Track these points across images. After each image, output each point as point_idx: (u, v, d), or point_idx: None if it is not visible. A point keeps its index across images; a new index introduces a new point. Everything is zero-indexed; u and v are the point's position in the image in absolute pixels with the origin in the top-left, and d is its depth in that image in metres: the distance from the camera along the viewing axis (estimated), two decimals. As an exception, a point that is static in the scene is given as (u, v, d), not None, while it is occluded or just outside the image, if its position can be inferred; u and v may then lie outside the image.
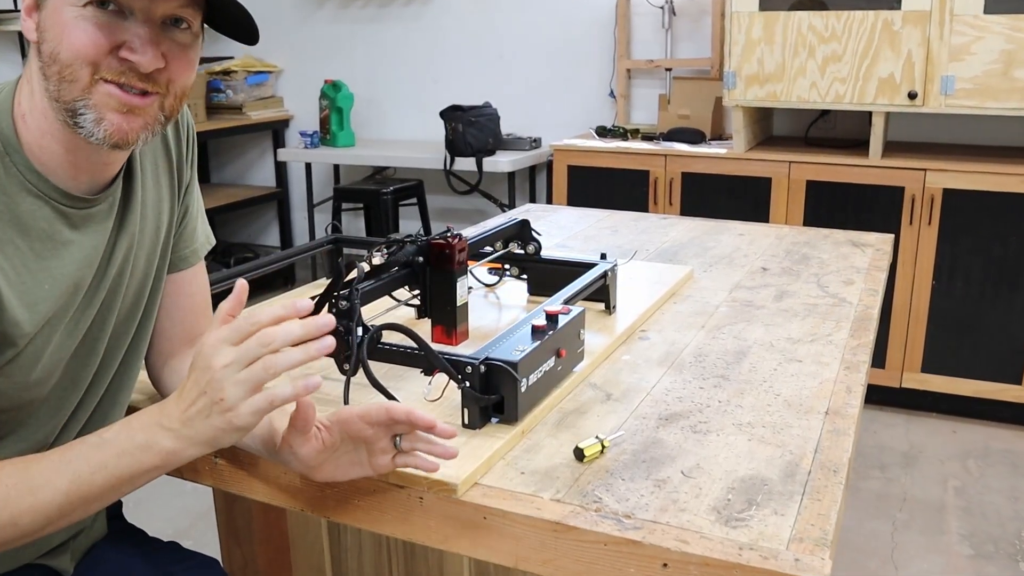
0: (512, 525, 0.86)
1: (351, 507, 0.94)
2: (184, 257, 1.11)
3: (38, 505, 0.81)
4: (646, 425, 1.05)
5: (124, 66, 0.86)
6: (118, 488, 0.84)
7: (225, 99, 4.45)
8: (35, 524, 0.82)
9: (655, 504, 0.87)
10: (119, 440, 0.83)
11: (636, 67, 3.82)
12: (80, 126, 0.86)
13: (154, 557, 1.15)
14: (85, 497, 0.82)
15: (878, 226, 2.90)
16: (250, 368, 0.79)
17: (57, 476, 0.82)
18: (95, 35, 0.84)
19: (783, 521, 0.84)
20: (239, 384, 0.79)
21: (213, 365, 0.79)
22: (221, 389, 0.79)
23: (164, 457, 0.83)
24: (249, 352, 0.79)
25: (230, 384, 0.79)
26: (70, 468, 0.82)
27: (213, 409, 0.80)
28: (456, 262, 1.19)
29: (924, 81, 2.84)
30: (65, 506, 0.82)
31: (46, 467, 0.82)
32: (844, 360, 1.25)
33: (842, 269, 1.71)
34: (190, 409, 0.81)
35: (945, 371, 3.00)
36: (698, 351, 1.28)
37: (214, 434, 0.81)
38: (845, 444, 1.00)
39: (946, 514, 2.48)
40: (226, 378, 0.79)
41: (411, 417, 0.85)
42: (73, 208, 0.92)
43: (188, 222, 1.11)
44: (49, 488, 0.81)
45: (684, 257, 1.80)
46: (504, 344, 1.02)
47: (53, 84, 0.86)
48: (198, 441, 0.82)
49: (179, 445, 0.82)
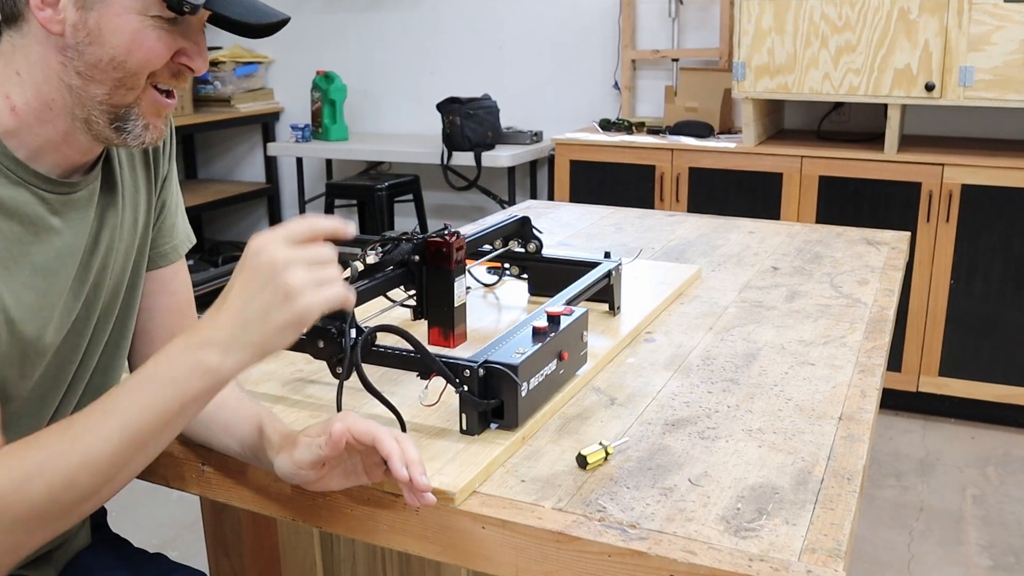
0: (512, 535, 0.86)
1: (344, 517, 0.94)
2: (164, 253, 1.11)
3: (90, 460, 0.80)
4: (652, 431, 1.05)
5: (178, 71, 0.91)
6: (171, 423, 0.83)
7: (213, 91, 4.45)
8: (93, 482, 0.81)
9: (661, 513, 0.87)
10: (158, 373, 0.82)
11: (641, 57, 3.82)
12: (126, 131, 0.90)
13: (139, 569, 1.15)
14: (138, 441, 0.82)
15: (894, 223, 2.90)
16: (315, 269, 0.80)
17: (104, 427, 0.81)
18: (167, 44, 0.88)
19: (795, 531, 0.84)
20: (308, 278, 0.80)
21: (275, 257, 0.80)
22: (289, 279, 0.79)
23: (212, 376, 0.81)
24: (312, 255, 0.81)
25: (297, 273, 0.79)
26: (115, 417, 0.81)
27: (275, 303, 0.79)
28: (454, 261, 1.19)
29: (942, 72, 2.84)
30: (119, 456, 0.81)
31: (88, 423, 0.82)
32: (858, 363, 1.25)
33: (856, 268, 1.71)
34: (247, 308, 0.80)
35: (964, 374, 3.00)
36: (706, 354, 1.28)
37: (270, 335, 0.81)
38: (859, 451, 1.00)
39: (964, 524, 2.48)
40: (292, 267, 0.79)
41: (391, 462, 0.84)
42: (53, 193, 0.93)
43: (167, 216, 1.12)
44: (99, 441, 0.81)
45: (691, 256, 1.81)
46: (504, 346, 1.02)
47: (104, 88, 0.88)
48: (251, 347, 0.81)
49: (226, 358, 0.81)
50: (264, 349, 0.82)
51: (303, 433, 0.90)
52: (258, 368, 1.20)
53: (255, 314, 0.80)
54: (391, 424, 0.97)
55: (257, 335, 0.81)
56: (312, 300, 0.80)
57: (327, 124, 4.19)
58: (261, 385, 1.16)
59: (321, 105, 4.20)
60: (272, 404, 1.09)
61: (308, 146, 4.18)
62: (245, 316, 0.80)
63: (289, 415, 1.06)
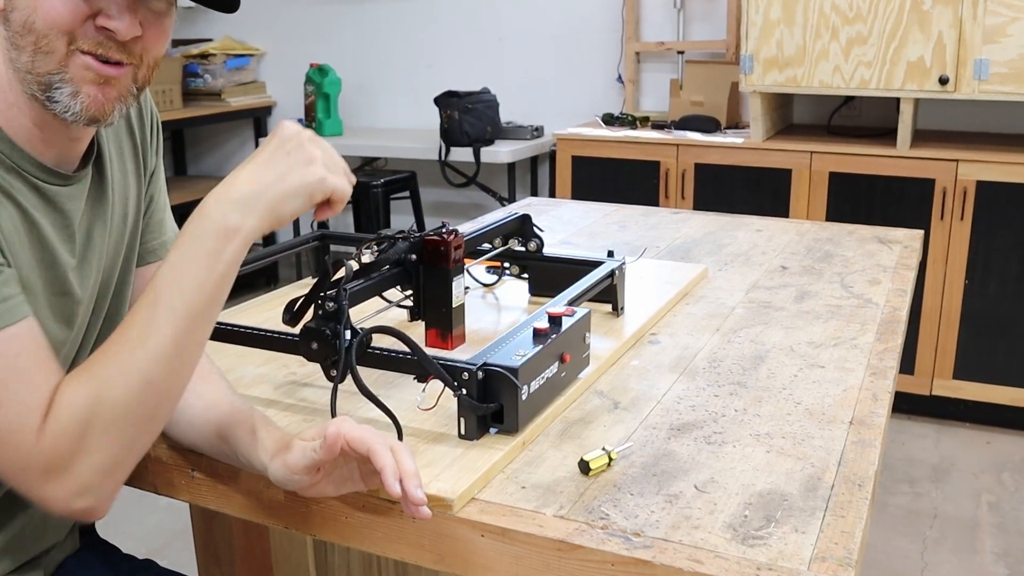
0: (512, 544, 0.86)
1: (338, 524, 0.95)
2: (152, 250, 1.12)
3: (155, 353, 0.84)
4: (656, 436, 1.05)
5: (101, 35, 0.88)
6: (215, 295, 0.86)
7: (203, 84, 4.45)
8: (164, 372, 0.85)
9: (666, 521, 0.87)
10: (187, 246, 0.85)
11: (646, 50, 3.82)
12: (55, 100, 0.89)
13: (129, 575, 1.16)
14: (190, 321, 0.85)
15: (906, 221, 2.90)
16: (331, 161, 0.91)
17: (156, 319, 0.84)
18: (72, 2, 0.86)
19: (804, 539, 0.84)
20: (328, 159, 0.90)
21: (302, 132, 0.90)
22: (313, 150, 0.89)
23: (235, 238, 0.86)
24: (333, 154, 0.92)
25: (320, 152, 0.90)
26: (162, 306, 0.84)
27: (296, 163, 0.88)
28: (452, 260, 1.19)
29: (956, 65, 2.85)
30: (180, 341, 0.85)
31: (140, 320, 0.85)
32: (870, 366, 1.25)
33: (868, 268, 1.71)
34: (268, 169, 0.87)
35: (979, 377, 3.00)
36: (712, 356, 1.28)
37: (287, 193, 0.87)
38: (871, 456, 1.00)
39: (979, 531, 2.48)
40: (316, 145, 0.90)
41: (384, 477, 0.83)
42: (47, 183, 0.93)
43: (155, 212, 1.13)
44: (156, 333, 0.84)
45: (697, 255, 1.81)
46: (503, 348, 1.02)
47: (26, 56, 0.88)
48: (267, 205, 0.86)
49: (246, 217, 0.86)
50: (278, 210, 0.87)
51: (298, 437, 0.90)
52: (250, 371, 1.21)
53: (275, 173, 0.87)
54: (387, 429, 0.97)
55: (275, 193, 0.87)
56: (328, 176, 0.89)
57: (321, 119, 4.19)
58: (253, 388, 1.16)
59: (315, 99, 4.20)
60: (265, 408, 1.09)
61: (301, 141, 4.17)
62: (266, 175, 0.87)
63: (282, 419, 1.06)
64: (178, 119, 4.25)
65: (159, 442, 1.04)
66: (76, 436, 0.83)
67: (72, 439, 0.83)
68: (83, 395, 0.83)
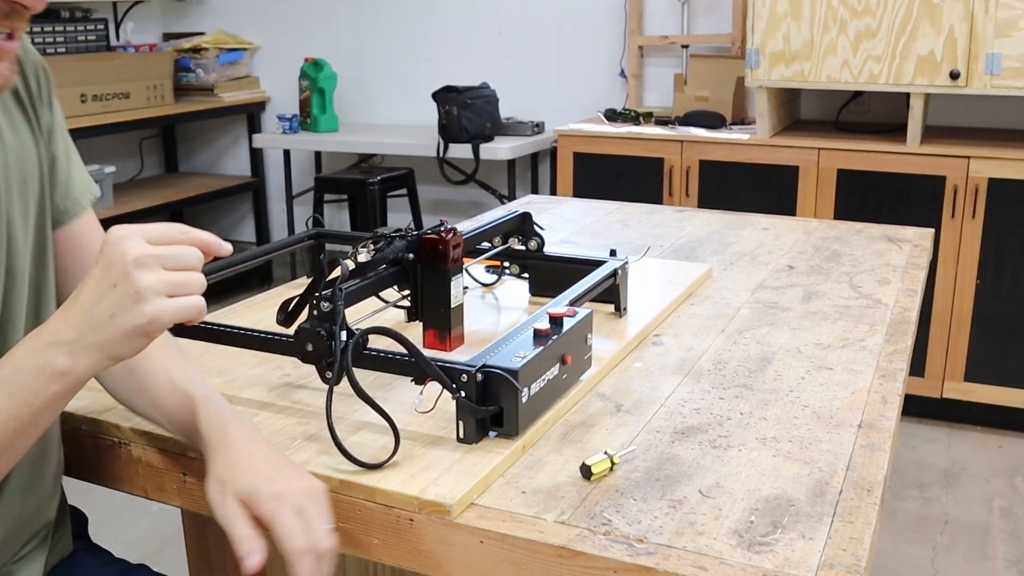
0: (512, 550, 0.86)
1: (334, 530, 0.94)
2: (65, 209, 1.09)
3: None
4: (660, 439, 1.05)
5: (9, 10, 0.87)
6: (23, 432, 0.82)
7: (195, 79, 4.45)
8: None
9: (670, 527, 0.87)
10: (5, 377, 0.81)
11: (649, 44, 3.82)
12: None
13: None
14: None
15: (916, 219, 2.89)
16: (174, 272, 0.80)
17: None
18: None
19: (812, 546, 0.84)
20: (161, 281, 0.79)
21: (127, 251, 0.78)
22: (139, 280, 0.78)
23: (63, 380, 0.81)
24: (173, 255, 0.80)
25: (149, 275, 0.78)
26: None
27: (123, 304, 0.78)
28: (450, 259, 1.19)
29: (967, 59, 2.85)
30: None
31: None
32: (879, 368, 1.25)
33: (877, 267, 1.71)
34: (94, 309, 0.79)
35: (991, 380, 3.00)
36: (717, 358, 1.28)
37: (115, 339, 0.80)
38: (880, 460, 1.00)
39: (991, 537, 2.48)
40: (143, 266, 0.78)
41: None
42: None
43: (59, 171, 1.09)
44: None
45: (702, 254, 1.81)
46: (503, 350, 1.02)
47: None
48: (98, 349, 0.80)
49: (76, 360, 0.81)
50: (112, 353, 0.81)
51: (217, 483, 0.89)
52: (244, 373, 1.21)
53: (104, 314, 0.79)
54: (384, 432, 0.97)
55: (104, 337, 0.80)
56: (162, 307, 0.79)
57: (316, 114, 4.19)
58: (247, 391, 1.16)
59: (310, 94, 4.20)
60: (258, 410, 1.09)
61: (296, 138, 4.18)
62: (93, 316, 0.80)
63: (276, 422, 1.06)
64: (169, 114, 4.25)
65: (149, 445, 1.04)
66: None
67: None
68: None
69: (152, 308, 0.79)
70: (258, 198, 4.74)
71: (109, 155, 4.30)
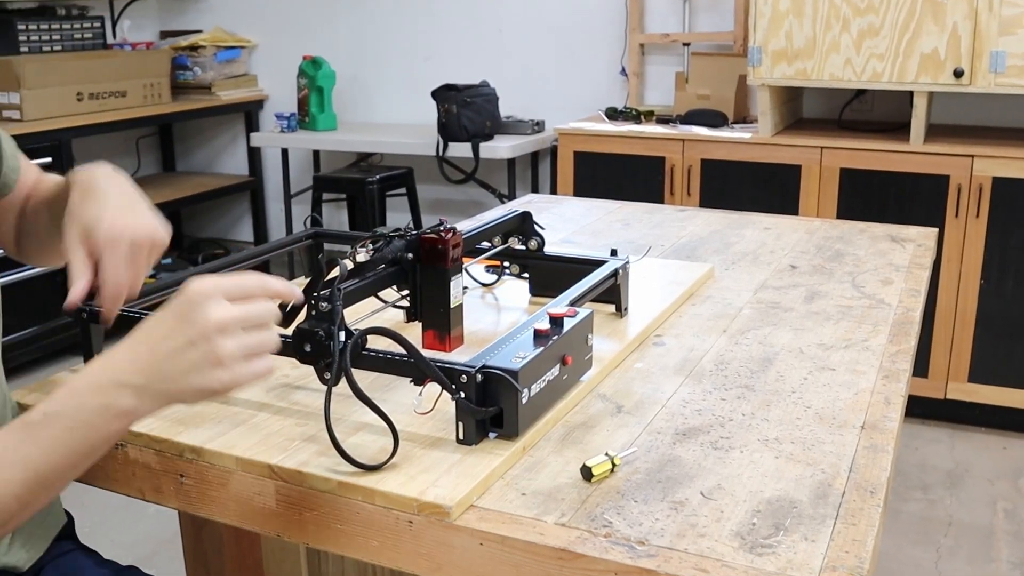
0: (512, 552, 0.86)
1: (332, 532, 0.95)
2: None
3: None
4: (661, 441, 1.05)
5: None
6: (78, 464, 0.84)
7: (192, 77, 4.45)
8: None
9: (671, 529, 0.87)
10: (68, 412, 0.82)
11: (650, 42, 3.82)
12: None
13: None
14: (44, 482, 0.82)
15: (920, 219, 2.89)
16: (251, 333, 0.82)
17: (6, 469, 0.81)
18: None
19: (814, 548, 0.84)
20: (241, 346, 0.82)
21: (211, 316, 0.80)
22: (221, 347, 0.81)
23: (125, 419, 0.83)
24: (253, 315, 0.82)
25: (231, 341, 0.81)
26: (17, 456, 0.81)
27: (201, 365, 0.81)
28: (450, 259, 1.19)
29: (971, 57, 2.85)
30: (24, 496, 0.82)
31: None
32: (882, 368, 1.25)
33: (880, 267, 1.71)
34: (168, 363, 0.81)
35: (995, 381, 3.00)
36: (719, 358, 1.28)
37: (186, 392, 0.82)
38: (883, 462, 1.00)
39: (995, 540, 2.48)
40: (226, 332, 0.81)
41: None
42: None
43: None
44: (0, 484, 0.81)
45: (703, 254, 1.81)
46: (503, 350, 1.02)
47: None
48: (165, 397, 0.83)
49: (141, 403, 0.82)
50: (178, 401, 0.84)
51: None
52: (240, 373, 1.20)
53: (177, 369, 0.81)
54: (383, 433, 0.97)
55: (175, 389, 0.82)
56: (239, 374, 0.82)
57: (314, 113, 4.19)
58: (244, 391, 1.16)
59: (308, 93, 4.20)
60: (256, 411, 1.09)
61: (294, 136, 4.18)
62: (166, 368, 0.82)
63: (274, 423, 1.06)
64: (166, 113, 4.25)
65: (146, 447, 1.04)
66: None
67: None
68: None
69: (230, 374, 0.82)
70: (256, 197, 4.74)
71: (105, 154, 4.30)
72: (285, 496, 0.96)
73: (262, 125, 4.67)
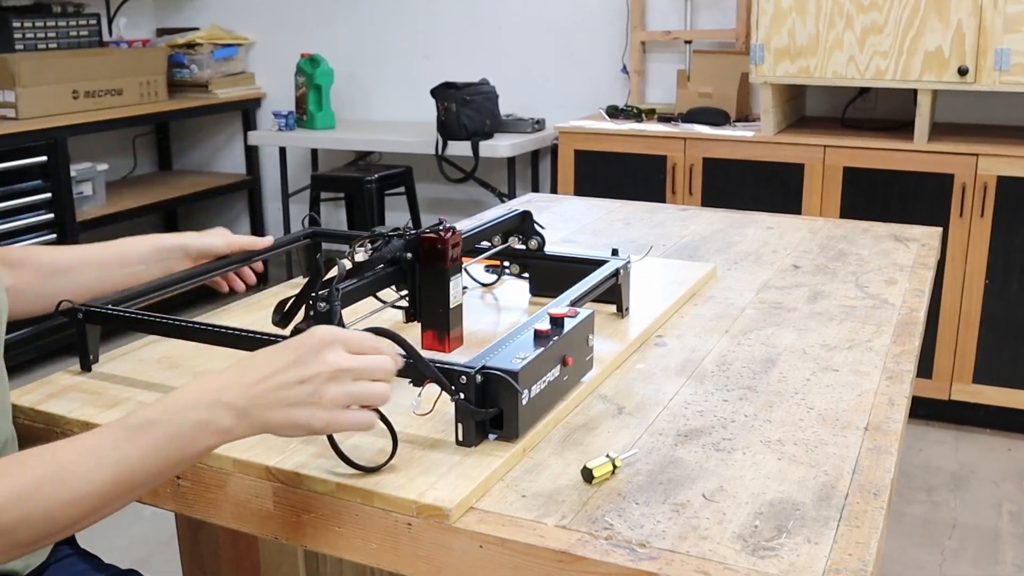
0: (512, 555, 0.86)
1: (330, 534, 0.95)
2: None
3: (76, 498, 0.82)
4: (663, 442, 1.05)
5: None
6: (163, 474, 0.87)
7: (189, 75, 4.45)
8: (72, 517, 0.83)
9: (673, 531, 0.87)
10: (168, 421, 0.85)
11: (652, 39, 3.83)
12: None
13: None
14: (131, 485, 0.85)
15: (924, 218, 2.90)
16: (360, 383, 0.88)
17: (96, 465, 0.83)
18: None
19: (817, 550, 0.84)
20: (347, 394, 0.87)
21: (327, 360, 0.87)
22: (328, 390, 0.86)
23: (220, 437, 0.86)
24: (369, 369, 0.89)
25: (339, 387, 0.87)
26: (112, 456, 0.83)
27: (305, 402, 0.86)
28: (449, 259, 1.19)
29: (976, 55, 2.85)
30: (108, 496, 0.84)
31: (81, 455, 0.83)
32: (886, 369, 1.25)
33: (883, 267, 1.71)
34: (275, 392, 0.86)
35: (999, 382, 3.00)
36: (721, 359, 1.28)
37: (283, 424, 0.87)
38: (887, 464, 1.00)
39: (1000, 542, 2.48)
40: (337, 379, 0.87)
41: None
42: None
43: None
44: (87, 478, 0.82)
45: (705, 253, 1.81)
46: (503, 351, 1.02)
47: None
48: (261, 424, 0.87)
49: (238, 425, 0.86)
50: (271, 430, 0.88)
51: None
52: (238, 374, 1.20)
53: (281, 401, 0.86)
54: (383, 435, 0.97)
55: (273, 419, 0.87)
56: (337, 418, 0.87)
57: (312, 111, 4.19)
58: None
59: (306, 91, 4.19)
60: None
61: (292, 135, 4.18)
62: (271, 397, 0.86)
63: (271, 425, 1.06)
64: (163, 111, 4.25)
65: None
66: None
67: None
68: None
69: (328, 416, 0.87)
70: (253, 196, 4.74)
71: (102, 152, 4.30)
72: (283, 498, 0.96)
73: (259, 123, 4.67)
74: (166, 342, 1.29)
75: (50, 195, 3.61)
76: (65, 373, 1.21)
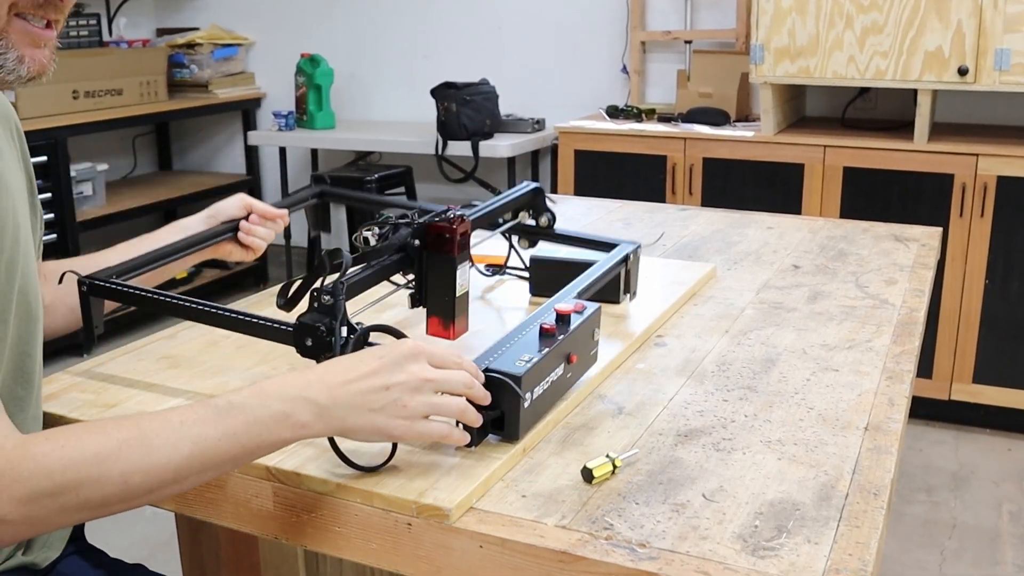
0: (512, 555, 0.86)
1: (330, 534, 0.95)
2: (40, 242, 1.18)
3: (153, 466, 0.83)
4: (663, 442, 1.05)
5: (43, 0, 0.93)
6: (241, 458, 0.87)
7: (189, 75, 4.45)
8: (145, 486, 0.84)
9: (673, 531, 0.87)
10: (252, 407, 0.86)
11: (652, 39, 3.82)
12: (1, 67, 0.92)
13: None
14: (205, 464, 0.85)
15: (924, 218, 2.90)
16: (442, 396, 0.92)
17: (178, 438, 0.84)
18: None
19: (817, 550, 0.84)
20: (428, 404, 0.91)
21: (412, 371, 0.90)
22: (412, 400, 0.90)
23: (297, 431, 0.88)
24: (450, 382, 0.92)
25: (421, 397, 0.90)
26: (193, 431, 0.84)
27: (388, 408, 0.89)
28: (457, 246, 1.18)
29: (976, 55, 2.85)
30: (182, 471, 0.84)
31: (164, 427, 0.84)
32: (886, 369, 1.25)
33: (883, 267, 1.71)
34: (359, 395, 0.88)
35: (999, 382, 3.00)
36: (721, 359, 1.28)
37: (363, 427, 0.89)
38: (887, 464, 1.00)
39: (1000, 542, 2.48)
40: (420, 390, 0.90)
41: None
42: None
43: (36, 204, 1.17)
44: (167, 449, 0.83)
45: (705, 253, 1.81)
46: (507, 351, 1.02)
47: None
48: (340, 425, 0.89)
49: (317, 421, 0.88)
50: (349, 433, 0.90)
51: None
52: (241, 371, 1.20)
53: (363, 405, 0.89)
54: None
55: (352, 421, 0.89)
56: (415, 427, 0.90)
57: (312, 111, 4.19)
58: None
59: (306, 91, 4.19)
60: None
61: (292, 135, 4.18)
62: (354, 400, 0.88)
63: (271, 425, 1.06)
64: (163, 111, 4.25)
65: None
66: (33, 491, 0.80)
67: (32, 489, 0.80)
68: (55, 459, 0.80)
69: (407, 425, 0.90)
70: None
71: (101, 152, 4.30)
72: (283, 498, 0.96)
73: (259, 123, 4.67)
74: (166, 342, 1.29)
75: (50, 195, 3.61)
76: (65, 373, 1.21)
